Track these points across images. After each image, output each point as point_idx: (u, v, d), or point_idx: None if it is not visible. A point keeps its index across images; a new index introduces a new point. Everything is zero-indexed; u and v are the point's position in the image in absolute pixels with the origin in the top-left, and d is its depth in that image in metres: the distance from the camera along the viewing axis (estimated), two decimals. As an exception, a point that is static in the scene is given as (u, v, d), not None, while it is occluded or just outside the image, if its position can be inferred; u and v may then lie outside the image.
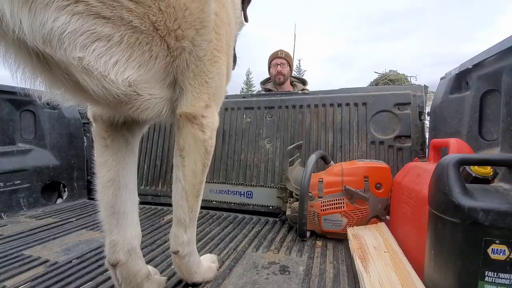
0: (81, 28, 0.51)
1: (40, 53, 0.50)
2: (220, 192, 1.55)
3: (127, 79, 0.60)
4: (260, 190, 1.48)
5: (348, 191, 1.13)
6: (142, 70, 0.63)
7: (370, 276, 0.78)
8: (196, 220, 0.84)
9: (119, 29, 0.56)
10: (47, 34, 0.48)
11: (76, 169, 1.94)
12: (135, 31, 0.58)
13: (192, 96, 0.75)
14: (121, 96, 0.62)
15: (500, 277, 0.57)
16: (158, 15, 0.60)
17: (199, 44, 0.71)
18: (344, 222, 1.14)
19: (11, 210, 1.60)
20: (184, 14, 0.65)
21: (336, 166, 1.24)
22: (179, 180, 0.79)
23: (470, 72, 1.22)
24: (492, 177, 0.75)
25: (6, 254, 1.07)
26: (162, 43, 0.64)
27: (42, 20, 0.47)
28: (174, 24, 0.64)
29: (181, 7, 0.64)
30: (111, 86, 0.58)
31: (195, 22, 0.68)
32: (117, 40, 0.56)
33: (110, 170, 0.80)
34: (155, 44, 0.63)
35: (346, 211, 1.14)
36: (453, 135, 1.29)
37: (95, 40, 0.54)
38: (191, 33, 0.68)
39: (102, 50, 0.55)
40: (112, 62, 0.57)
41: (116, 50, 0.57)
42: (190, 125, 0.76)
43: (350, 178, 1.16)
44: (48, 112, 1.86)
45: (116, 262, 0.77)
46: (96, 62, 0.54)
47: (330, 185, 1.17)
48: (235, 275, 0.90)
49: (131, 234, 0.80)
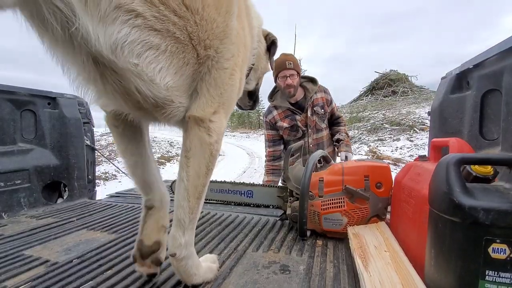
0: (138, 38, 0.60)
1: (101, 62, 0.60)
2: (220, 191, 1.55)
3: (166, 84, 0.69)
4: (260, 189, 1.48)
5: (349, 190, 1.13)
6: (177, 76, 0.72)
7: (371, 275, 0.78)
8: (195, 223, 0.86)
9: (165, 40, 0.66)
10: (113, 44, 0.57)
11: (77, 168, 1.94)
12: (176, 41, 0.68)
13: (205, 101, 0.81)
14: (161, 100, 0.71)
15: (500, 276, 0.57)
16: (193, 27, 0.70)
17: (222, 53, 0.80)
18: (344, 221, 1.14)
19: (12, 209, 1.61)
20: (212, 26, 0.75)
21: (336, 165, 1.24)
22: (183, 180, 0.82)
23: (471, 71, 1.22)
24: (493, 177, 0.75)
25: (6, 254, 1.07)
26: (193, 51, 0.73)
27: (110, 32, 0.56)
28: (205, 35, 0.74)
29: (211, 20, 0.74)
30: (156, 90, 0.68)
31: (220, 34, 0.78)
32: (163, 49, 0.66)
33: (132, 155, 0.94)
34: (188, 52, 0.72)
35: (347, 210, 1.14)
36: (453, 134, 1.29)
37: (148, 49, 0.63)
38: (216, 43, 0.78)
39: (152, 58, 0.64)
40: (158, 68, 0.66)
41: (162, 58, 0.66)
42: (197, 128, 0.80)
43: (351, 177, 1.16)
44: (48, 112, 1.86)
45: (152, 206, 0.96)
46: (147, 68, 0.63)
47: (331, 184, 1.16)
48: (235, 275, 0.90)
49: (161, 192, 0.98)
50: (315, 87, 2.31)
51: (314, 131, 2.29)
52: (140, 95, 0.67)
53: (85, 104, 2.08)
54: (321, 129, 2.31)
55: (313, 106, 2.27)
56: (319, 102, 2.28)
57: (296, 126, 2.26)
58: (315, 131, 2.30)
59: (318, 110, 2.26)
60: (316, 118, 2.27)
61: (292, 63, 2.20)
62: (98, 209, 1.68)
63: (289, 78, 2.17)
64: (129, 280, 0.87)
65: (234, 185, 1.52)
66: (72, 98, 1.99)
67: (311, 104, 2.26)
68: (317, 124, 2.28)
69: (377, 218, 1.16)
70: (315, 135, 2.30)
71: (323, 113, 2.28)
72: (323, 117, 2.31)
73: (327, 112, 2.33)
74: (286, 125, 2.26)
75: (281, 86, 2.22)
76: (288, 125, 2.26)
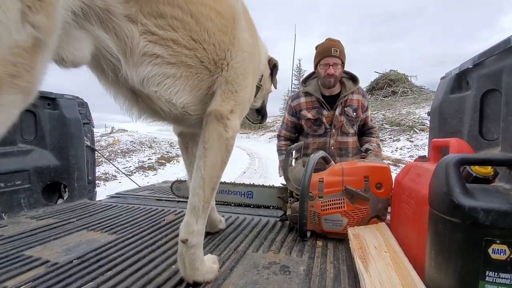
0: (158, 72, 0.79)
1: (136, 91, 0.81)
2: (221, 192, 1.55)
3: (182, 102, 0.87)
4: (260, 190, 1.47)
5: (349, 191, 1.13)
6: (192, 94, 0.90)
7: (371, 276, 0.78)
8: (207, 213, 0.93)
9: (180, 69, 0.83)
10: (141, 79, 0.77)
11: (77, 169, 1.94)
12: (189, 68, 0.85)
13: (222, 98, 0.94)
14: (179, 115, 0.91)
15: (500, 277, 0.57)
16: (202, 53, 0.86)
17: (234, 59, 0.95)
18: (344, 222, 1.14)
19: (12, 210, 1.61)
20: (220, 46, 0.90)
21: (336, 166, 1.24)
22: (200, 169, 0.92)
23: (470, 71, 1.22)
24: (493, 177, 0.75)
25: (7, 255, 1.07)
26: (205, 70, 0.89)
27: (139, 72, 0.76)
28: (214, 55, 0.89)
29: (218, 43, 0.89)
30: (173, 108, 0.87)
31: (229, 46, 0.93)
32: (178, 76, 0.83)
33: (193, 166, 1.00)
34: (200, 72, 0.88)
35: (347, 211, 1.14)
36: (453, 134, 1.29)
37: (166, 78, 0.81)
38: (226, 56, 0.93)
39: (169, 84, 0.82)
40: (174, 91, 0.84)
41: (177, 83, 0.84)
42: (216, 122, 0.92)
43: (351, 178, 1.16)
44: (48, 113, 1.87)
45: None
46: (165, 92, 0.82)
47: (331, 185, 1.17)
48: (235, 275, 0.90)
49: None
50: (353, 86, 2.07)
51: (338, 132, 2.05)
52: (164, 112, 0.87)
53: (85, 105, 2.08)
54: (347, 133, 2.07)
55: (345, 106, 2.03)
56: (353, 104, 2.03)
57: (320, 120, 2.04)
58: (340, 133, 2.06)
59: (349, 112, 2.01)
60: (344, 120, 2.03)
61: (338, 51, 1.93)
62: (98, 210, 1.68)
63: (332, 67, 1.92)
64: (129, 281, 0.87)
65: (235, 186, 1.52)
66: (72, 99, 1.99)
67: (343, 103, 2.02)
68: (344, 126, 2.04)
69: (377, 219, 1.16)
70: (339, 137, 2.06)
71: (354, 117, 2.03)
72: (353, 121, 2.05)
73: (359, 118, 2.07)
74: (310, 116, 2.05)
75: (321, 74, 1.97)
76: (312, 117, 2.04)
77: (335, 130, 2.04)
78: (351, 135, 2.08)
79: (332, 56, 1.92)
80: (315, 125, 2.05)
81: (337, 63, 1.93)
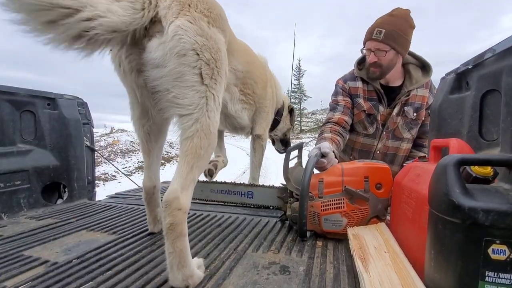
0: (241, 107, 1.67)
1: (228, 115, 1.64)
2: (221, 192, 1.55)
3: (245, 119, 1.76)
4: (260, 190, 1.48)
5: (348, 191, 1.13)
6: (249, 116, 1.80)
7: (371, 276, 0.78)
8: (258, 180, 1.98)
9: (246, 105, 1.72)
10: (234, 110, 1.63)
11: (76, 169, 1.94)
12: (249, 104, 1.72)
13: (259, 126, 1.91)
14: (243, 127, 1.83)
15: (500, 277, 0.57)
16: (254, 96, 1.72)
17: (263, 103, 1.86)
18: (344, 222, 1.14)
19: (11, 210, 1.60)
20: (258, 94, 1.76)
21: (336, 166, 1.23)
22: (253, 161, 1.99)
23: (470, 72, 1.22)
24: (492, 177, 0.75)
25: (6, 255, 1.07)
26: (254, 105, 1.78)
27: (235, 107, 1.62)
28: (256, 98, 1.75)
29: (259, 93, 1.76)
30: (242, 122, 1.76)
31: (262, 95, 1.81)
32: (245, 107, 1.71)
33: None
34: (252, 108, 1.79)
35: (346, 211, 1.14)
36: (453, 135, 1.29)
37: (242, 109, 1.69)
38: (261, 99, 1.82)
39: (241, 110, 1.69)
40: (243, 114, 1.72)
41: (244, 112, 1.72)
42: (259, 139, 1.94)
43: (350, 178, 1.15)
44: (48, 113, 1.86)
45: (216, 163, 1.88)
46: (241, 116, 1.71)
47: (330, 185, 1.17)
48: (235, 275, 0.90)
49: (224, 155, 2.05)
50: (422, 78, 1.60)
51: (390, 136, 1.67)
52: (237, 125, 1.77)
53: (84, 105, 2.08)
54: (401, 138, 1.67)
55: (405, 104, 1.60)
56: (416, 102, 1.60)
57: (374, 117, 1.65)
58: (392, 137, 1.67)
59: (409, 113, 1.60)
60: (401, 122, 1.62)
61: (384, 32, 1.45)
62: (97, 210, 1.67)
63: (375, 53, 1.51)
64: (129, 280, 0.87)
65: (235, 186, 1.52)
66: (72, 99, 1.99)
67: (403, 100, 1.60)
68: (398, 129, 1.64)
69: (377, 219, 1.16)
70: (390, 141, 1.68)
71: (414, 118, 1.61)
72: (412, 124, 1.63)
73: (420, 120, 1.64)
74: (365, 107, 1.65)
75: (367, 61, 1.58)
76: (367, 110, 1.65)
77: (386, 132, 1.66)
78: (406, 140, 1.67)
79: (372, 40, 1.50)
80: (367, 121, 1.66)
81: (380, 49, 1.49)
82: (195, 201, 1.83)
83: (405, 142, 1.68)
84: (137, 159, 11.84)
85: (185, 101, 0.86)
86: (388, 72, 1.57)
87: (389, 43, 1.47)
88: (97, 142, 15.42)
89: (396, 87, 1.62)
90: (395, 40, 1.46)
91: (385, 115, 1.64)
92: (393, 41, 1.46)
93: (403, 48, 1.51)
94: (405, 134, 1.64)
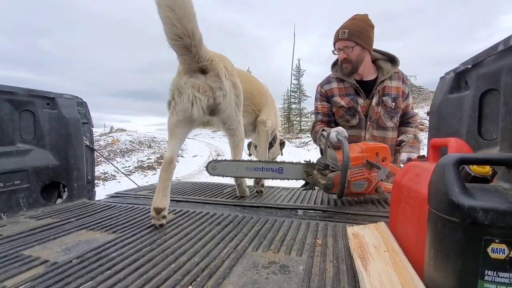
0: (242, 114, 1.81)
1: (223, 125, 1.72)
2: (255, 169, 1.72)
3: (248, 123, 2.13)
4: (289, 166, 1.69)
5: (369, 163, 1.53)
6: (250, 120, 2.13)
7: (370, 275, 0.78)
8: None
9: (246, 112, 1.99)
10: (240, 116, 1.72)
11: (76, 169, 1.94)
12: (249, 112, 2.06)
13: (262, 115, 2.13)
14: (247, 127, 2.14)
15: (499, 276, 0.57)
16: (253, 107, 2.09)
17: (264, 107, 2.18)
18: (365, 184, 1.56)
19: (11, 210, 1.60)
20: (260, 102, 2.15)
21: (355, 145, 1.62)
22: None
23: (469, 71, 1.22)
24: (491, 176, 0.75)
25: (5, 254, 1.07)
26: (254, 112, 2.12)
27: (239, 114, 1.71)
28: (257, 107, 2.13)
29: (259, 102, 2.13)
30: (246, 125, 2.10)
31: (263, 102, 2.17)
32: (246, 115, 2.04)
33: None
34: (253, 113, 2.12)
35: (368, 177, 1.55)
36: (452, 134, 1.29)
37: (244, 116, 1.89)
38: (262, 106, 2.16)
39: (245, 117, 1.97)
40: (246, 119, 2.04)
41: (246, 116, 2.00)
42: (262, 124, 2.11)
43: (368, 154, 1.55)
44: (47, 112, 1.86)
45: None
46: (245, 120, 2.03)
47: (355, 159, 1.54)
48: (235, 275, 0.90)
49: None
50: (392, 69, 1.83)
51: (374, 126, 1.85)
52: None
53: (84, 105, 2.08)
54: (385, 127, 1.85)
55: (383, 95, 1.81)
56: (392, 92, 1.81)
57: (355, 109, 1.83)
58: (377, 127, 1.86)
59: (387, 102, 1.79)
60: (382, 111, 1.81)
61: (347, 32, 1.71)
62: (97, 210, 1.67)
63: (343, 51, 1.75)
64: (128, 280, 0.87)
65: (267, 163, 1.71)
66: (71, 98, 1.98)
67: (380, 90, 1.81)
68: (381, 118, 1.83)
69: (381, 181, 1.58)
70: (376, 131, 1.86)
71: (393, 107, 1.81)
72: (392, 113, 1.83)
73: (399, 108, 1.85)
74: (343, 103, 1.85)
75: (339, 59, 1.83)
76: (345, 104, 1.84)
77: (370, 122, 1.84)
78: (390, 129, 1.86)
79: (339, 40, 1.76)
80: (348, 114, 1.85)
81: (347, 46, 1.73)
82: (199, 199, 1.84)
83: (390, 131, 1.88)
84: (136, 159, 11.83)
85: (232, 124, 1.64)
86: (359, 66, 1.80)
87: (354, 39, 1.72)
88: (97, 141, 15.41)
89: (371, 81, 1.85)
90: (358, 36, 1.72)
91: (366, 106, 1.84)
92: (357, 37, 1.72)
93: (367, 43, 1.76)
94: (388, 122, 1.85)
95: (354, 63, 1.77)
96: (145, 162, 10.90)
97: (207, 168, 1.70)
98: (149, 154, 13.10)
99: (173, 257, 1.01)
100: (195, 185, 2.35)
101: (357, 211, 1.53)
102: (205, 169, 1.72)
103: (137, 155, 12.94)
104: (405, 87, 1.86)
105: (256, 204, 1.72)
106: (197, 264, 0.96)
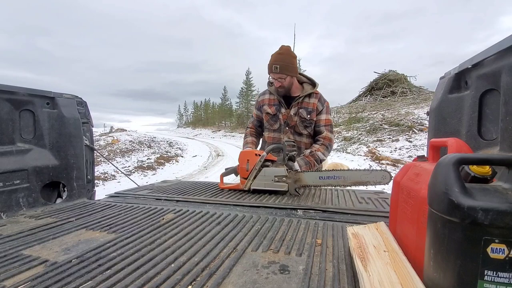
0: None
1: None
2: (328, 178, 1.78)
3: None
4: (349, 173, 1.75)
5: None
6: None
7: (370, 275, 0.78)
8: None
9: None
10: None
11: (76, 168, 1.94)
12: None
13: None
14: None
15: (499, 276, 0.57)
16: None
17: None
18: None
19: (11, 209, 1.60)
20: None
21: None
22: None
23: (469, 71, 1.22)
24: (491, 177, 0.75)
25: (5, 254, 1.06)
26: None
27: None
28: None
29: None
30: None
31: None
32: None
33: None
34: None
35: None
36: (452, 134, 1.29)
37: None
38: None
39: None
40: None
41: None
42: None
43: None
44: (47, 112, 1.86)
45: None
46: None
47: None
48: (234, 275, 0.90)
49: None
50: (310, 90, 2.31)
51: (292, 131, 2.33)
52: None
53: (84, 104, 2.07)
54: (300, 133, 2.33)
55: (300, 108, 2.28)
56: (309, 107, 2.28)
57: (277, 117, 2.35)
58: (293, 132, 2.33)
59: (302, 113, 2.27)
60: (298, 120, 2.29)
61: (279, 67, 2.17)
62: (97, 209, 1.67)
63: (277, 81, 2.23)
64: (128, 279, 0.87)
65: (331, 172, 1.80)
66: (71, 98, 1.98)
67: (298, 104, 2.29)
68: (297, 126, 2.30)
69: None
70: (292, 136, 2.33)
71: (307, 118, 2.27)
72: (306, 123, 2.29)
73: (312, 120, 2.29)
74: (270, 111, 2.37)
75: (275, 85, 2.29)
76: (271, 112, 2.37)
77: (288, 128, 2.33)
78: (304, 136, 2.34)
79: (273, 73, 2.21)
80: (272, 120, 2.38)
81: (280, 77, 2.20)
82: (199, 199, 1.84)
83: (304, 137, 2.35)
84: (136, 159, 11.82)
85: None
86: (290, 88, 2.33)
87: (284, 72, 2.19)
88: (97, 141, 15.40)
89: (295, 96, 2.34)
90: (287, 69, 2.20)
91: (286, 115, 2.32)
92: (286, 70, 2.20)
93: (293, 72, 2.26)
94: (303, 130, 2.32)
95: (286, 88, 2.28)
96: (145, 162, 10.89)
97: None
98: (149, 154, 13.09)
99: (173, 256, 1.01)
100: (195, 185, 2.35)
101: (357, 211, 1.53)
102: None
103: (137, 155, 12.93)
104: (320, 105, 2.31)
105: (256, 204, 1.72)
106: (197, 264, 0.96)
